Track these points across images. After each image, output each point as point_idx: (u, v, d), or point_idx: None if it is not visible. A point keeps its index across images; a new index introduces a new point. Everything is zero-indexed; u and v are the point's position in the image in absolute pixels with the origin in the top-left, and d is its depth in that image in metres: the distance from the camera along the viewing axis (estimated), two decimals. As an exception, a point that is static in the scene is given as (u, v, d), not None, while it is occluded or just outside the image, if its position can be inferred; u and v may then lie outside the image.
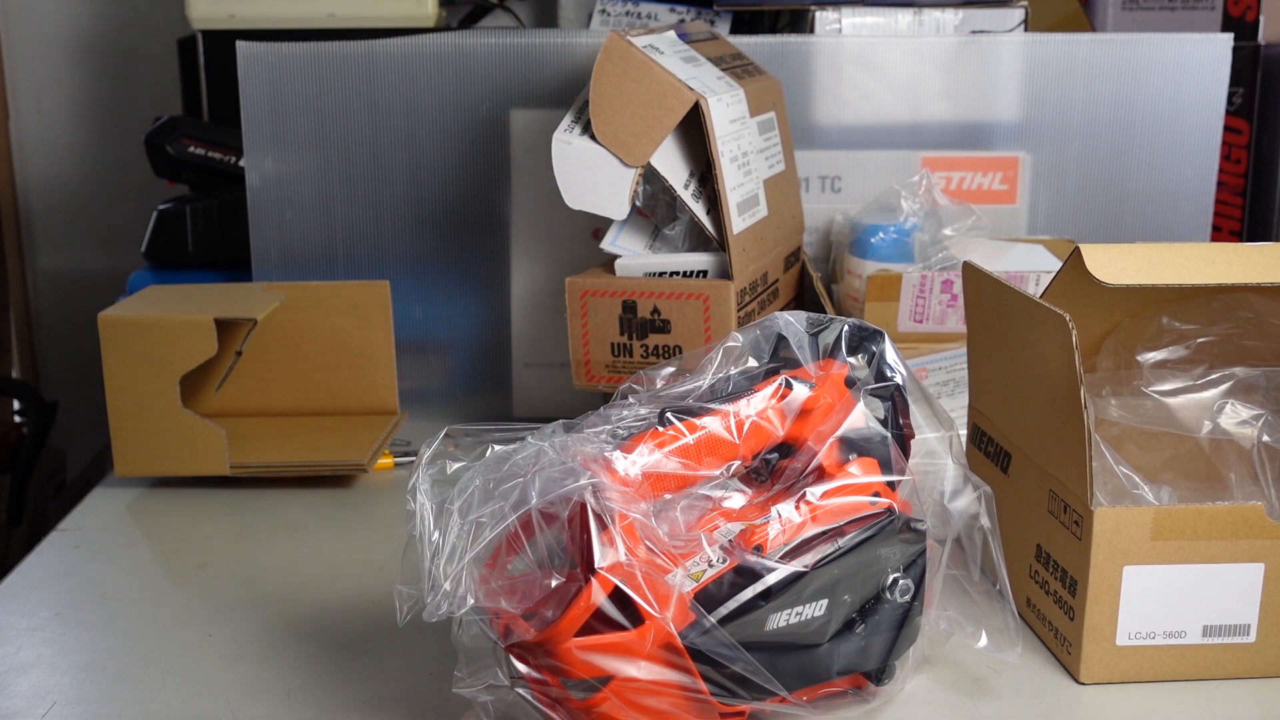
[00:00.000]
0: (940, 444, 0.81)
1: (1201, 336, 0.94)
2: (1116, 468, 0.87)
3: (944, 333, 1.20)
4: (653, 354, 1.10)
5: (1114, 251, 0.84)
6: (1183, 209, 1.37)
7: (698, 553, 0.71)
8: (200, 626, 0.90)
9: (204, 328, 1.10)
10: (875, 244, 1.22)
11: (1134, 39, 1.35)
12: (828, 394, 0.77)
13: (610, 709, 0.69)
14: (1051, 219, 1.36)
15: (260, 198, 1.31)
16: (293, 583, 0.97)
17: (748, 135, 1.13)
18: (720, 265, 1.09)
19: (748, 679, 0.70)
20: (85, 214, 2.03)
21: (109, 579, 0.98)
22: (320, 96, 1.30)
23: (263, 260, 1.32)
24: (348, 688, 0.82)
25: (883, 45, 1.34)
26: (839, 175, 1.34)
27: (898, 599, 0.75)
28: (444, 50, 1.29)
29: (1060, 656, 0.85)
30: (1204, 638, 0.82)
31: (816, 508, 0.74)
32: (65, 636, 0.89)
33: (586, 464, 0.70)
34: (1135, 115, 1.35)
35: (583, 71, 1.27)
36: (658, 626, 0.67)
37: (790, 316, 0.80)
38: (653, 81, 1.04)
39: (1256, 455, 0.89)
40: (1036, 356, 0.85)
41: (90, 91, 1.99)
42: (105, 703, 0.81)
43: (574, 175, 1.06)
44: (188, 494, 1.14)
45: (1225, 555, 0.81)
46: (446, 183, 1.32)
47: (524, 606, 0.69)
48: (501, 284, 1.33)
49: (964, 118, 1.35)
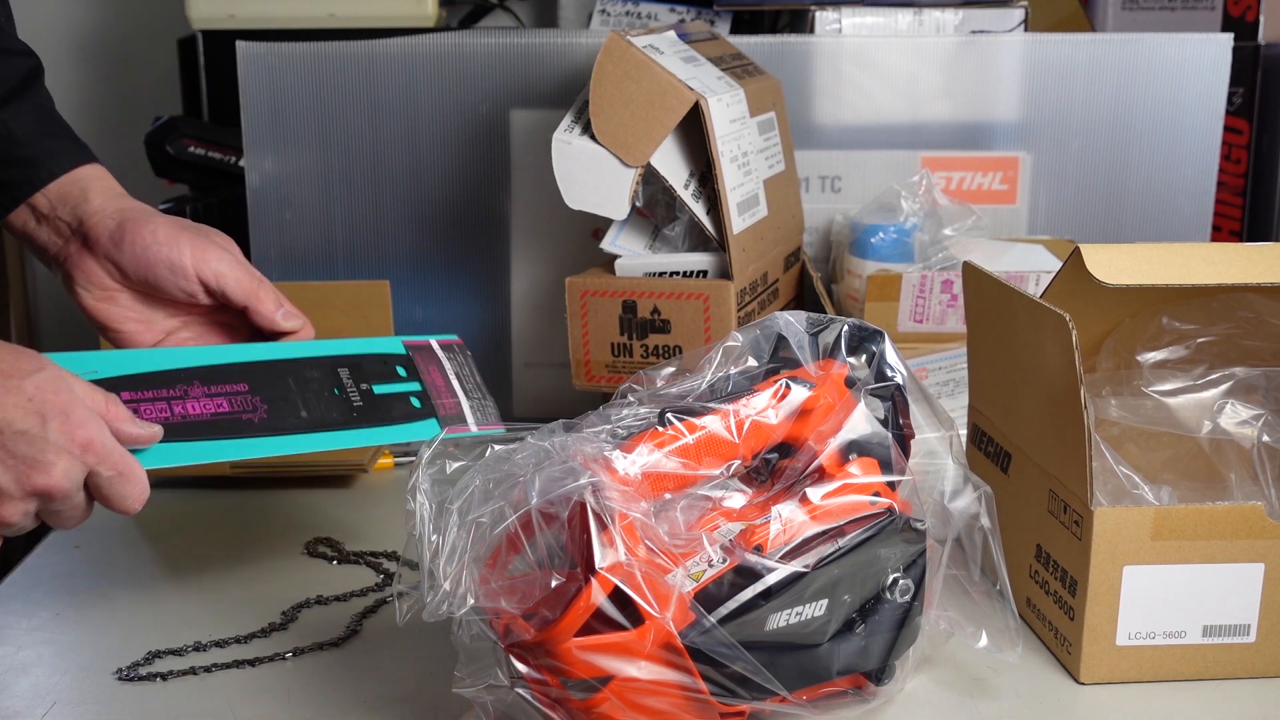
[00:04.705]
0: (940, 444, 0.81)
1: (1201, 336, 0.94)
2: (1116, 468, 0.87)
3: (944, 333, 1.20)
4: (653, 354, 1.10)
5: (1114, 251, 0.84)
6: (1183, 209, 1.37)
7: (698, 552, 0.71)
8: (200, 626, 0.90)
9: (204, 328, 1.10)
10: (875, 244, 1.22)
11: (1134, 39, 1.35)
12: (828, 394, 0.77)
13: (610, 709, 0.69)
14: (1051, 219, 1.36)
15: (260, 198, 1.31)
16: (292, 582, 0.97)
17: (748, 135, 1.13)
18: (720, 265, 1.09)
19: (748, 679, 0.70)
20: (85, 214, 2.02)
21: (109, 579, 0.98)
22: (320, 96, 1.30)
23: (263, 260, 1.32)
24: (348, 688, 0.82)
25: (883, 45, 1.34)
26: (839, 175, 1.34)
27: (898, 599, 0.75)
28: (444, 50, 1.29)
29: (1060, 656, 0.85)
30: (1204, 638, 0.82)
31: (817, 508, 0.74)
32: (65, 636, 0.89)
33: (586, 464, 0.70)
34: (1135, 115, 1.35)
35: (583, 71, 1.27)
36: (658, 626, 0.67)
37: (790, 316, 0.80)
38: (653, 81, 1.04)
39: (1256, 455, 0.89)
40: (1036, 356, 0.85)
41: (90, 91, 1.99)
42: (105, 703, 0.81)
43: (574, 175, 1.06)
44: (188, 494, 1.14)
45: (1225, 555, 0.81)
46: (446, 183, 1.32)
47: (524, 606, 0.69)
48: (501, 284, 1.33)
49: (964, 118, 1.35)
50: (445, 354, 0.89)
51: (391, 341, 0.88)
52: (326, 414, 0.81)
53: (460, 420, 0.85)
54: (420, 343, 0.90)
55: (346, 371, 0.84)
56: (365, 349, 0.86)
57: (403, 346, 0.89)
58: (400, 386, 0.85)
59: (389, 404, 0.83)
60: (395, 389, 0.85)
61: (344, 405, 0.82)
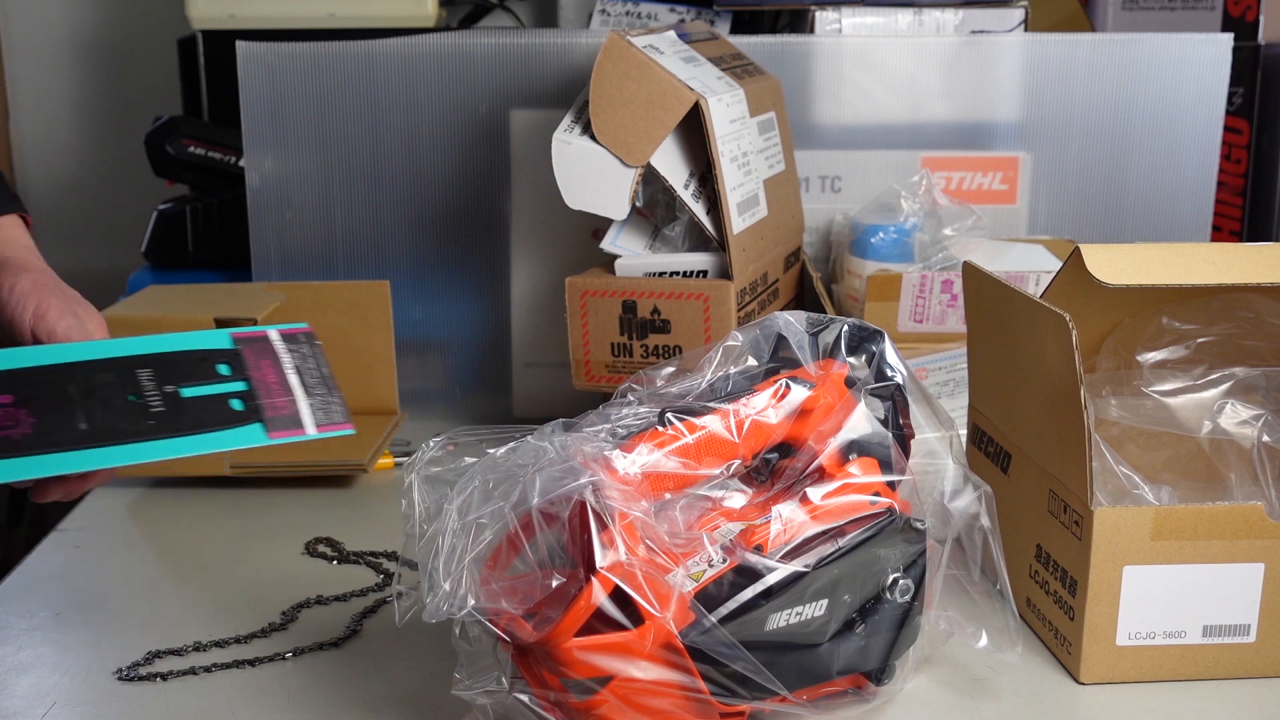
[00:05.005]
0: (940, 444, 0.81)
1: (1201, 336, 0.94)
2: (1116, 468, 0.87)
3: (944, 333, 1.20)
4: (653, 354, 1.10)
5: (1114, 251, 0.84)
6: (1183, 209, 1.37)
7: (698, 552, 0.71)
8: (200, 626, 0.90)
9: (204, 328, 1.09)
10: (875, 244, 1.22)
11: (1134, 39, 1.35)
12: (828, 394, 0.77)
13: (610, 710, 0.69)
14: (1051, 219, 1.36)
15: (260, 198, 1.31)
16: (292, 582, 0.97)
17: (748, 135, 1.13)
18: (720, 265, 1.09)
19: (748, 679, 0.70)
20: (85, 214, 2.03)
21: (109, 579, 0.98)
22: (320, 96, 1.30)
23: (262, 260, 1.32)
24: (348, 688, 0.82)
25: (883, 45, 1.34)
26: (839, 175, 1.34)
27: (898, 599, 0.75)
28: (444, 50, 1.29)
29: (1060, 656, 0.85)
30: (1204, 638, 0.82)
31: (817, 508, 0.74)
32: (65, 636, 0.89)
33: (586, 463, 0.70)
34: (1135, 115, 1.35)
35: (583, 71, 1.27)
36: (658, 626, 0.67)
37: (790, 316, 0.80)
38: (653, 81, 1.04)
39: (1256, 455, 0.89)
40: (1036, 356, 0.85)
41: (90, 91, 1.99)
42: (105, 703, 0.81)
43: (574, 175, 1.06)
44: (188, 494, 1.14)
45: (1225, 555, 0.81)
46: (446, 183, 1.32)
47: (524, 607, 0.69)
48: (501, 284, 1.33)
49: (964, 118, 1.35)
50: (286, 346, 0.80)
51: (217, 335, 0.80)
52: (114, 424, 0.72)
53: (294, 423, 0.76)
54: (255, 334, 0.80)
55: (148, 373, 0.75)
56: (181, 345, 0.78)
57: (230, 340, 0.79)
58: (218, 387, 0.76)
59: (199, 408, 0.75)
60: (210, 390, 0.76)
61: (139, 413, 0.73)
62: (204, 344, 0.78)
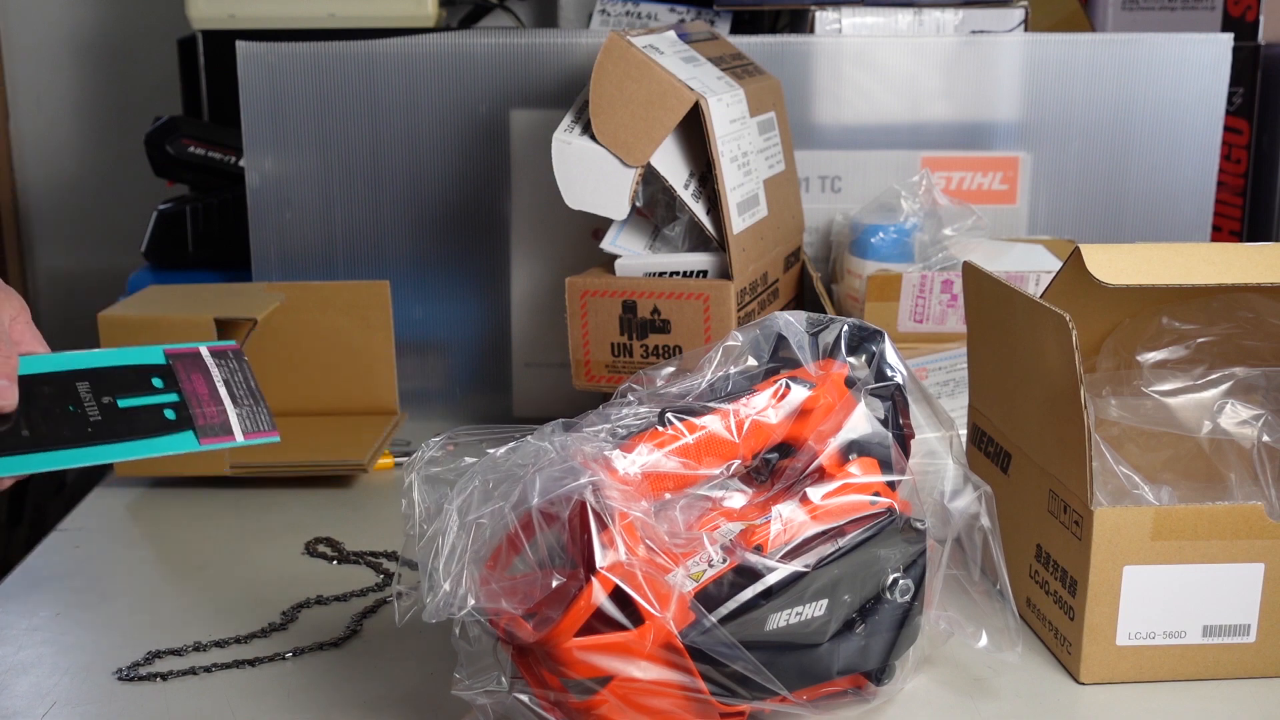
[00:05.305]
0: (940, 444, 0.81)
1: (1201, 336, 0.94)
2: (1116, 468, 0.87)
3: (944, 333, 1.20)
4: (653, 354, 1.10)
5: (1114, 251, 0.84)
6: (1183, 209, 1.37)
7: (698, 552, 0.71)
8: (200, 626, 0.90)
9: (204, 327, 1.10)
10: (875, 244, 1.22)
11: (1134, 39, 1.35)
12: (828, 394, 0.77)
13: (610, 710, 0.69)
14: (1051, 219, 1.36)
15: (260, 198, 1.31)
16: (292, 582, 0.97)
17: (748, 135, 1.13)
18: (720, 265, 1.09)
19: (748, 678, 0.70)
20: (85, 214, 2.03)
21: (109, 579, 0.98)
22: (320, 96, 1.30)
23: (262, 260, 1.32)
24: (348, 688, 0.82)
25: (883, 45, 1.34)
26: (839, 175, 1.34)
27: (898, 599, 0.75)
28: (444, 50, 1.29)
29: (1060, 656, 0.85)
30: (1204, 638, 0.82)
31: (817, 508, 0.74)
32: (65, 636, 0.89)
33: (586, 463, 0.70)
34: (1135, 115, 1.35)
35: (583, 71, 1.27)
36: (658, 626, 0.67)
37: (790, 316, 0.80)
38: (653, 81, 1.04)
39: (1256, 455, 0.89)
40: (1036, 356, 0.85)
41: (90, 91, 1.99)
42: (105, 703, 0.81)
43: (574, 175, 1.06)
44: (188, 494, 1.14)
45: (1225, 555, 0.81)
46: (446, 183, 1.32)
47: (524, 607, 0.69)
48: (501, 284, 1.33)
49: (964, 118, 1.35)
50: (215, 361, 0.86)
51: (151, 351, 0.85)
52: (56, 431, 0.77)
53: (224, 430, 0.82)
54: (186, 350, 0.86)
55: (86, 385, 0.80)
56: (118, 360, 0.83)
57: (163, 356, 0.85)
58: (152, 399, 0.82)
59: (134, 417, 0.80)
60: (146, 401, 0.81)
61: (78, 421, 0.78)
62: (139, 359, 0.83)
